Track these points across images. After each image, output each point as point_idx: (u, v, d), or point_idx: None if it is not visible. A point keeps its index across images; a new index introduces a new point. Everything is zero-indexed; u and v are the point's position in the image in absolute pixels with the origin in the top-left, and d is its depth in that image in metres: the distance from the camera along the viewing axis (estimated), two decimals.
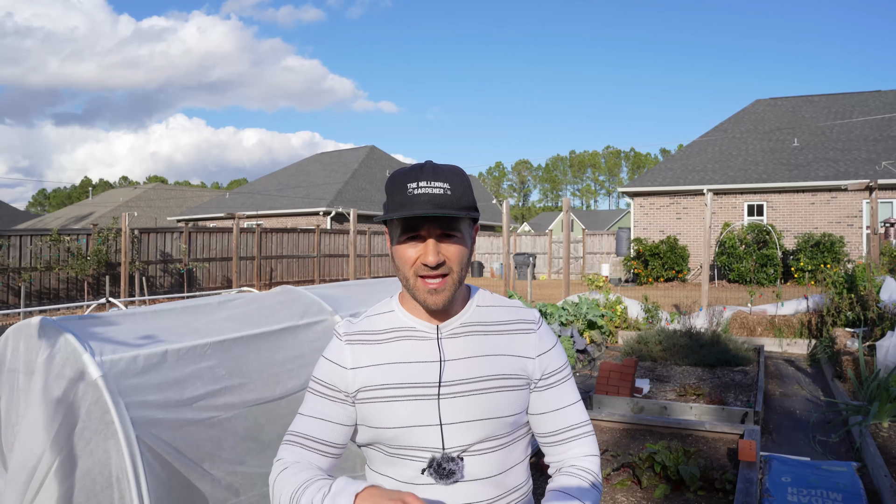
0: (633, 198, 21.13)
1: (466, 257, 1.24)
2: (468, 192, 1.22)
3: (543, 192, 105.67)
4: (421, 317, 1.29)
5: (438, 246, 1.20)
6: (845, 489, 3.83)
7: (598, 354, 8.94)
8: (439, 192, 1.18)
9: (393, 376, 1.24)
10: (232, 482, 2.49)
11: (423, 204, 1.16)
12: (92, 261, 15.14)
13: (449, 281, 1.21)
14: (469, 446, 1.22)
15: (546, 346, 1.32)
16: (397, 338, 1.28)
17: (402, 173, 1.21)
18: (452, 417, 1.22)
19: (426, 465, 1.21)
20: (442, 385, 1.23)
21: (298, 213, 26.97)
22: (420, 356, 1.26)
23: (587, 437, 1.35)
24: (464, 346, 1.27)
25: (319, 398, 1.29)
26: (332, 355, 1.30)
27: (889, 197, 17.69)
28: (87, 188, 73.39)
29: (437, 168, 1.21)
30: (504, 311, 1.34)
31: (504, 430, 1.25)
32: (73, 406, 2.20)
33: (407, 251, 1.21)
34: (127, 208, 35.99)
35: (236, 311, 3.05)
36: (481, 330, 1.29)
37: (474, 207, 1.23)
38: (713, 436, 4.77)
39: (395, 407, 1.22)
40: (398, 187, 1.19)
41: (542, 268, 25.95)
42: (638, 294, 12.29)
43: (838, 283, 9.07)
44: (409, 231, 1.20)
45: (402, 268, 1.22)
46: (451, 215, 1.17)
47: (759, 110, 23.80)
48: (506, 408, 1.24)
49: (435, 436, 1.21)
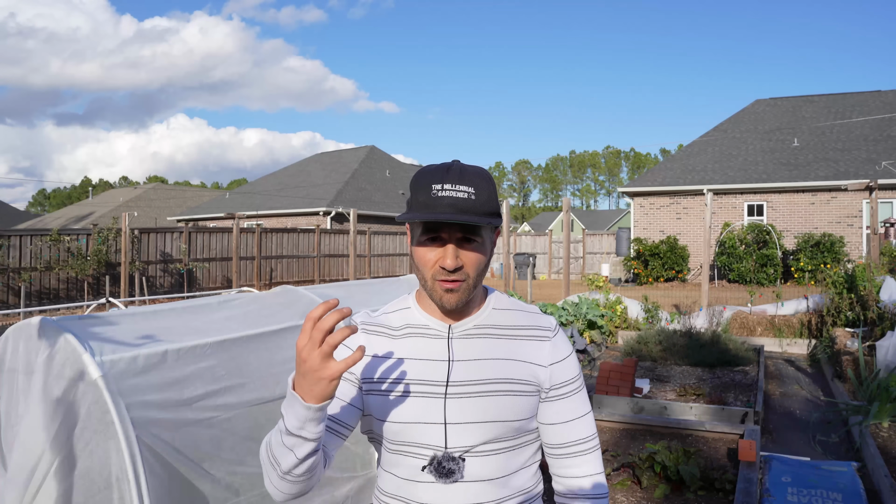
0: (633, 198, 21.13)
1: (485, 263, 1.23)
2: (493, 198, 1.20)
3: (543, 192, 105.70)
4: (435, 315, 1.29)
5: (458, 251, 1.19)
6: (845, 489, 3.83)
7: (598, 354, 8.94)
8: (463, 196, 1.16)
9: (402, 371, 1.25)
10: (232, 482, 2.49)
11: (445, 207, 1.15)
12: (92, 261, 15.14)
13: (465, 285, 1.21)
14: (472, 447, 1.22)
15: (560, 355, 1.30)
16: (410, 334, 1.29)
17: (429, 172, 1.20)
18: (457, 417, 1.22)
19: (427, 462, 1.22)
20: (449, 385, 1.23)
21: (298, 213, 26.97)
22: (430, 354, 1.26)
23: (592, 453, 1.33)
24: (474, 348, 1.26)
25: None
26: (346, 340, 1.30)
27: (889, 197, 17.68)
28: (87, 188, 73.40)
29: (463, 170, 1.19)
30: (520, 316, 1.33)
31: (509, 433, 1.24)
32: (73, 406, 2.20)
33: (427, 253, 1.20)
34: (127, 208, 35.99)
35: (236, 311, 3.05)
36: (495, 333, 1.29)
37: (497, 214, 1.22)
38: (713, 436, 4.77)
39: (402, 402, 1.23)
40: (423, 187, 1.18)
41: (542, 268, 25.95)
42: (638, 294, 12.28)
43: (838, 283, 9.07)
44: (429, 233, 1.19)
45: (422, 269, 1.22)
46: (472, 223, 1.15)
47: (759, 110, 23.80)
48: (512, 412, 1.23)
49: (438, 434, 1.22)
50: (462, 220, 1.14)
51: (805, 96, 24.05)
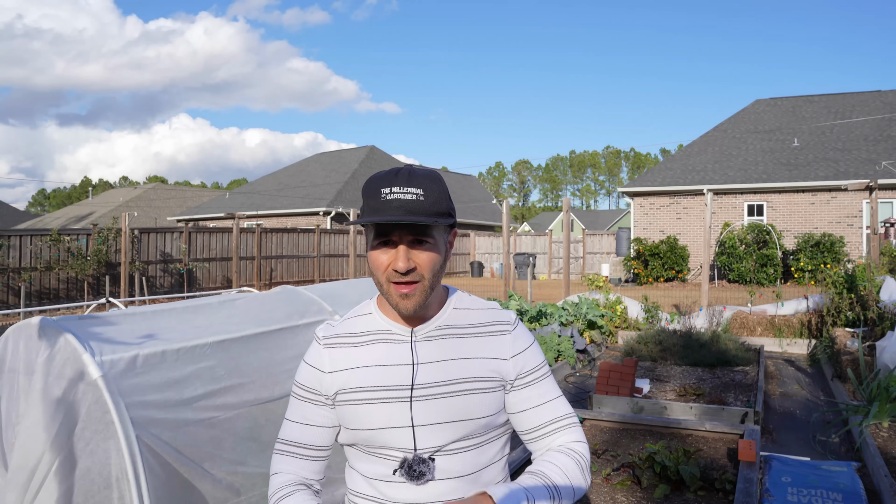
0: (633, 198, 21.14)
1: (439, 264, 1.24)
2: (442, 199, 1.22)
3: (543, 192, 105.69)
4: (396, 320, 1.31)
5: (410, 252, 1.21)
6: (845, 489, 3.83)
7: (598, 354, 8.95)
8: (411, 198, 1.18)
9: (368, 379, 1.27)
10: (232, 482, 2.49)
11: (394, 210, 1.17)
12: (92, 261, 15.14)
13: (419, 287, 1.22)
14: (442, 447, 1.25)
15: (521, 346, 1.33)
16: (373, 340, 1.31)
17: (379, 178, 1.22)
18: (424, 419, 1.24)
19: (398, 465, 1.24)
20: (414, 388, 1.25)
21: (298, 213, 26.98)
22: (394, 359, 1.28)
23: (574, 426, 1.35)
24: (437, 350, 1.28)
25: (303, 402, 1.32)
26: (311, 359, 1.33)
27: (889, 197, 17.69)
28: (87, 188, 73.40)
29: (412, 173, 1.21)
30: (480, 314, 1.35)
31: (477, 431, 1.27)
32: (73, 406, 2.20)
33: (380, 256, 1.23)
34: (127, 208, 35.99)
35: (236, 310, 3.05)
36: (456, 333, 1.31)
37: (448, 214, 1.23)
38: (713, 436, 4.77)
39: (370, 409, 1.25)
40: (373, 192, 1.20)
41: (542, 268, 25.95)
42: (638, 294, 12.28)
43: (838, 283, 9.07)
44: (381, 236, 1.22)
45: (376, 272, 1.24)
46: (420, 222, 1.17)
47: (759, 110, 23.80)
48: (478, 410, 1.26)
49: (407, 437, 1.24)
50: (409, 220, 1.16)
51: (805, 96, 24.05)
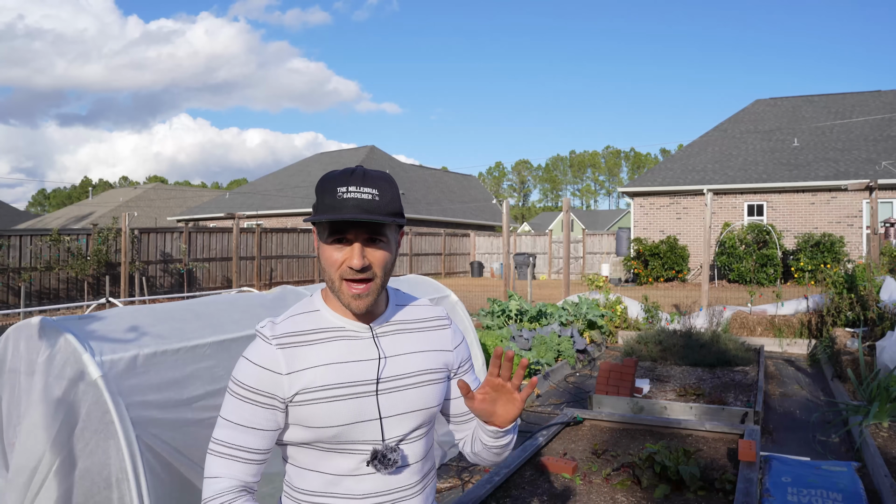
0: (633, 198, 21.14)
1: (391, 262, 1.30)
2: (395, 199, 1.27)
3: (543, 192, 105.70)
4: (348, 316, 1.33)
5: (364, 250, 1.24)
6: (845, 489, 3.83)
7: (598, 354, 8.94)
8: (368, 197, 1.21)
9: (333, 376, 1.27)
10: None
11: (351, 208, 1.20)
12: (92, 261, 15.14)
13: (373, 286, 1.26)
14: (405, 436, 1.32)
15: (460, 338, 1.47)
16: (330, 338, 1.30)
17: (333, 177, 1.24)
18: (390, 411, 1.30)
19: (370, 457, 1.27)
20: (380, 381, 1.29)
21: (298, 212, 26.98)
22: (357, 355, 1.30)
23: None
24: (398, 344, 1.35)
25: (247, 404, 1.25)
26: (261, 360, 1.26)
27: (889, 197, 17.69)
28: (88, 188, 73.40)
29: (366, 174, 1.25)
30: (420, 310, 1.44)
31: (431, 418, 1.37)
32: (74, 406, 2.20)
33: (333, 254, 1.25)
34: (127, 208, 35.99)
35: (236, 310, 3.05)
36: (407, 328, 1.38)
37: (401, 214, 1.29)
38: (713, 436, 4.77)
39: (337, 406, 1.26)
40: (328, 190, 1.22)
41: (542, 268, 25.95)
42: (638, 294, 12.28)
43: (838, 283, 9.07)
44: (336, 234, 1.24)
45: (328, 270, 1.26)
46: (378, 221, 1.21)
47: (759, 110, 23.80)
48: (433, 399, 1.36)
49: (375, 429, 1.28)
50: (368, 218, 1.20)
51: (805, 96, 24.05)
